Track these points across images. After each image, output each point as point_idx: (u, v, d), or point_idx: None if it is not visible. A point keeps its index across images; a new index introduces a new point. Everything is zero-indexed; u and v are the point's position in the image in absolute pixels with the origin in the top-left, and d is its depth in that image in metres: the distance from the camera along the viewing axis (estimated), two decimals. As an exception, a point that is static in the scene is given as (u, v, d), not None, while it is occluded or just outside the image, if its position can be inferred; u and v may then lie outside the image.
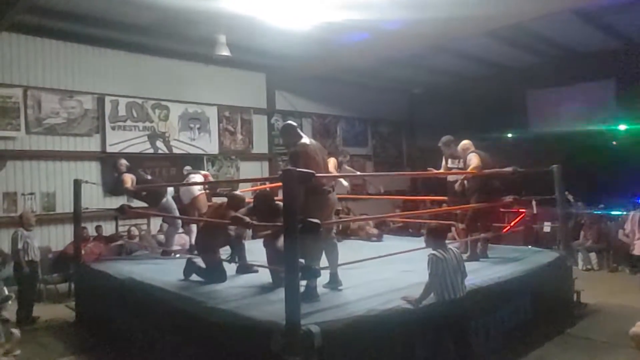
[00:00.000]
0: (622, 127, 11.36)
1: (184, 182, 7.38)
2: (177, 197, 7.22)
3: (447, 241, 4.32)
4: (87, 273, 6.22)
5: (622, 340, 4.54)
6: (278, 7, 7.42)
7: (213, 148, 10.74)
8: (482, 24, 8.16)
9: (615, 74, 11.07)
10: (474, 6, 7.39)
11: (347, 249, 5.42)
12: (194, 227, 7.04)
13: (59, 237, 8.49)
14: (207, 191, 7.25)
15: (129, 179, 6.47)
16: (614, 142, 11.67)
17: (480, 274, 4.89)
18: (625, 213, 9.25)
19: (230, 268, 5.17)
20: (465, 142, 6.07)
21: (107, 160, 9.04)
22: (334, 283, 4.40)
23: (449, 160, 6.27)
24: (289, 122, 4.66)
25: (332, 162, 7.58)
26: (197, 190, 6.96)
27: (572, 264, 6.26)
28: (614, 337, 4.91)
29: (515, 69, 11.83)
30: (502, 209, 6.68)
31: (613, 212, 9.54)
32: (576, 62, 11.10)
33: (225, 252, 5.48)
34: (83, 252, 6.87)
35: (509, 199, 5.94)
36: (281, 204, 4.75)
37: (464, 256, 4.94)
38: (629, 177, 10.07)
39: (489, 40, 9.66)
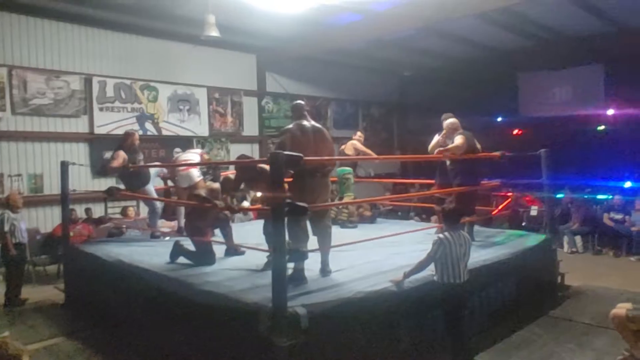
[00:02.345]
0: (610, 111, 11.43)
1: (176, 162, 7.21)
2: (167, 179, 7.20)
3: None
4: (75, 255, 6.21)
5: (604, 322, 4.66)
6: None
7: (203, 130, 10.67)
8: (474, 5, 8.10)
9: (604, 59, 11.09)
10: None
11: (336, 232, 5.46)
12: (182, 210, 6.92)
13: (47, 219, 8.45)
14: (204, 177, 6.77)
15: (121, 158, 6.23)
16: (602, 127, 11.75)
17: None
18: (611, 197, 9.40)
19: (218, 250, 5.19)
20: (453, 121, 5.93)
21: (95, 142, 8.97)
22: (324, 270, 4.35)
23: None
24: (296, 101, 4.65)
25: (349, 146, 7.54)
26: (197, 175, 6.60)
27: (557, 247, 6.35)
28: (596, 319, 5.02)
29: (506, 52, 11.79)
30: (489, 193, 6.72)
31: (599, 196, 9.67)
32: (566, 46, 11.09)
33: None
34: (72, 233, 6.84)
35: (495, 182, 5.98)
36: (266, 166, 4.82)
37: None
38: (615, 162, 10.20)
39: (480, 23, 9.61)
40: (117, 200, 8.46)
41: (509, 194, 8.96)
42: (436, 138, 6.18)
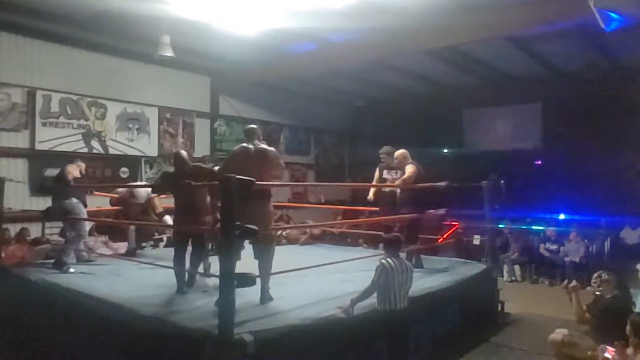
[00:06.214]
0: (546, 147, 12.16)
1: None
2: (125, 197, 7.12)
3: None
4: (6, 278, 5.82)
5: (540, 348, 4.85)
6: (224, 11, 7.34)
7: (152, 150, 10.41)
8: (423, 42, 8.50)
9: (541, 98, 11.87)
10: (415, 21, 7.62)
11: (286, 256, 5.45)
12: (133, 231, 6.97)
13: (-23, 239, 7.88)
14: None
15: (72, 171, 6.20)
16: (538, 162, 12.46)
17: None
18: (546, 228, 9.93)
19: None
20: (402, 152, 6.17)
21: (36, 158, 8.55)
22: (264, 299, 4.26)
23: (385, 171, 6.43)
24: (250, 125, 4.77)
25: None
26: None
27: (497, 276, 6.61)
28: (534, 345, 5.21)
29: (453, 88, 12.39)
30: (435, 222, 6.93)
31: (535, 227, 10.18)
32: (508, 85, 11.81)
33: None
34: (3, 255, 6.41)
35: (441, 211, 6.19)
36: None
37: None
38: (550, 195, 10.82)
39: (430, 59, 10.07)
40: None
41: (455, 223, 9.29)
42: (378, 172, 6.39)
